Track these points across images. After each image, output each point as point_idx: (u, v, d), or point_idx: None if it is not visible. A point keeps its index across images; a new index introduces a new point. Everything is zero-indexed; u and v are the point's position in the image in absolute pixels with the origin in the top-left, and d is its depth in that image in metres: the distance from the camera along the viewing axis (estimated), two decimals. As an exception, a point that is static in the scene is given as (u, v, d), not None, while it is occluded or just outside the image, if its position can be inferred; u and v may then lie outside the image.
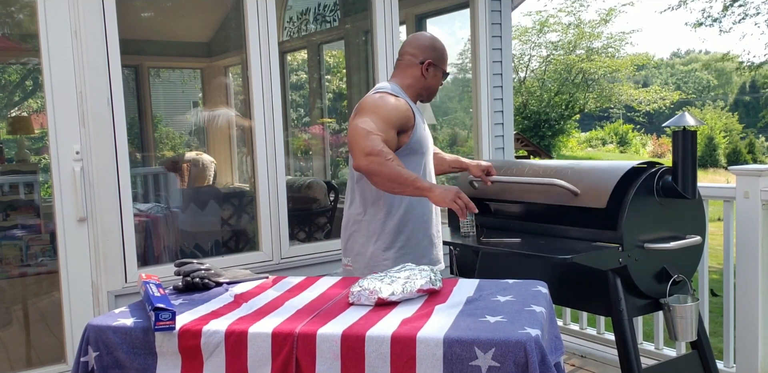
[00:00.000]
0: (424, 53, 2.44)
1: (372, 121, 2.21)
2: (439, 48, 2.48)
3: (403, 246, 2.37)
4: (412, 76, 2.45)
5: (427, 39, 2.49)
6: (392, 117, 2.27)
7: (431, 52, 2.44)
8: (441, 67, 2.48)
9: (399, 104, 2.32)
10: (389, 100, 2.31)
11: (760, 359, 2.90)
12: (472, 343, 1.53)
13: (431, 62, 2.43)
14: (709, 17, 14.25)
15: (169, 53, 6.30)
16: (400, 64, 2.49)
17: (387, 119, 2.25)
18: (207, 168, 5.21)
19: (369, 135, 2.16)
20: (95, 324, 1.77)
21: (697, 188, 2.56)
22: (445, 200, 2.14)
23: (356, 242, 2.40)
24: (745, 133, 31.74)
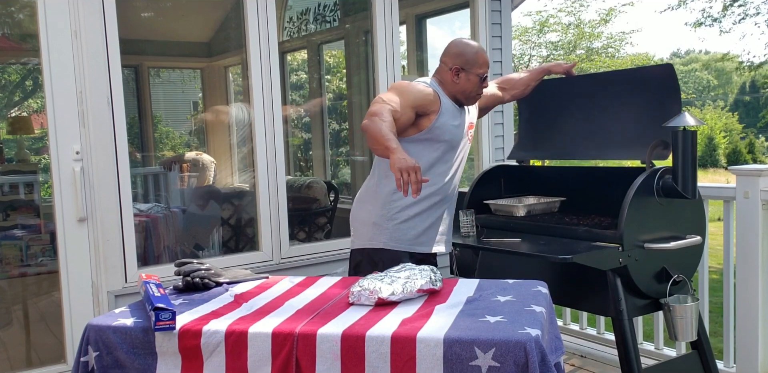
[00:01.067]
0: (453, 60, 2.55)
1: (392, 94, 2.41)
2: (468, 53, 2.55)
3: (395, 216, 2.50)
4: (447, 81, 2.57)
5: (455, 46, 2.59)
6: (411, 96, 2.43)
7: (458, 59, 2.54)
8: (472, 71, 2.55)
9: (424, 89, 2.48)
10: (416, 85, 2.50)
11: (760, 359, 2.90)
12: (472, 343, 1.53)
13: (458, 68, 2.54)
14: (709, 17, 14.24)
15: (169, 53, 6.30)
16: (437, 69, 2.64)
17: (407, 97, 2.42)
18: (207, 168, 5.21)
19: (380, 102, 2.36)
20: (95, 324, 1.77)
21: (697, 188, 2.56)
22: (395, 166, 2.10)
23: (361, 209, 2.59)
24: (745, 133, 31.72)
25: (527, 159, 3.36)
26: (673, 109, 2.59)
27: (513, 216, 2.98)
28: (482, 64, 2.57)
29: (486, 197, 3.15)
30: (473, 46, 2.59)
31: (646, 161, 2.59)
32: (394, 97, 2.39)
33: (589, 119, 3.02)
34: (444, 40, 2.59)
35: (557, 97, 3.18)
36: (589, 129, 3.02)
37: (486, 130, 4.10)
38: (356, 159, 5.41)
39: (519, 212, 2.98)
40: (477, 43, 2.62)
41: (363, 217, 2.57)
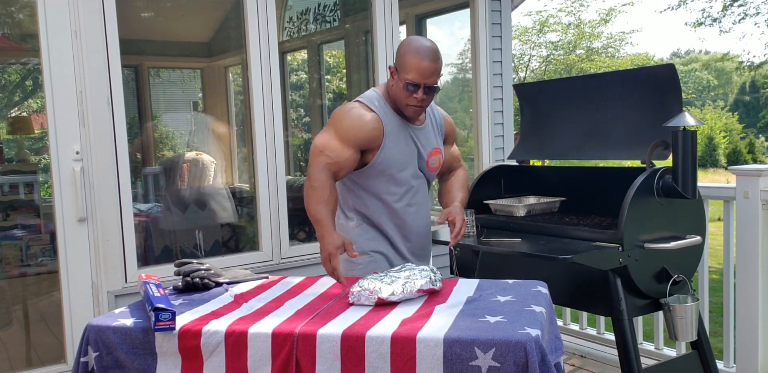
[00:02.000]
0: (396, 57, 2.24)
1: (330, 138, 2.18)
2: (401, 53, 2.19)
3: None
4: (389, 83, 2.28)
5: (403, 42, 2.25)
6: (350, 136, 2.18)
7: (397, 57, 2.22)
8: (401, 75, 2.17)
9: (364, 122, 2.18)
10: (355, 116, 2.19)
11: (760, 359, 2.90)
12: (472, 343, 1.53)
13: (393, 69, 2.21)
14: (708, 17, 14.25)
15: (169, 53, 6.30)
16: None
17: (345, 138, 2.18)
18: (207, 168, 5.21)
19: (318, 157, 2.17)
20: (95, 324, 1.77)
21: (697, 188, 2.56)
22: (321, 256, 2.12)
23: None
24: (745, 133, 31.71)
25: (527, 159, 3.36)
26: (674, 110, 2.59)
27: (513, 216, 2.98)
28: (410, 69, 2.14)
29: (486, 197, 3.15)
30: (414, 47, 2.17)
31: (646, 161, 2.58)
32: (334, 144, 2.16)
33: (589, 119, 3.02)
34: (444, 40, 2.54)
35: (558, 97, 3.18)
36: (589, 129, 3.02)
37: (486, 130, 4.11)
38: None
39: (519, 212, 2.98)
40: (427, 46, 2.17)
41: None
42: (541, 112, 3.27)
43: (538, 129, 3.28)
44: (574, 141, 3.08)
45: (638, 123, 2.79)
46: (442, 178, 2.60)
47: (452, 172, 2.60)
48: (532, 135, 3.31)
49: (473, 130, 4.19)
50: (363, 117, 2.20)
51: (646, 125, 2.73)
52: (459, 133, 5.98)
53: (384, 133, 2.22)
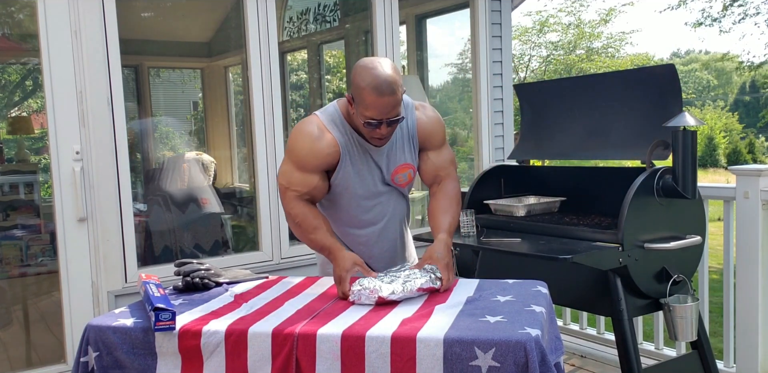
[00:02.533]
0: (350, 87, 2.02)
1: (291, 170, 2.09)
2: (359, 88, 1.94)
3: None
4: (347, 106, 2.10)
5: (357, 68, 1.99)
6: (308, 164, 2.07)
7: (353, 89, 1.99)
8: (360, 110, 1.98)
9: (319, 148, 2.05)
10: (308, 142, 2.06)
11: (760, 359, 2.90)
12: (472, 343, 1.53)
13: (350, 98, 2.03)
14: (708, 17, 14.25)
15: (169, 53, 6.30)
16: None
17: (304, 167, 2.08)
18: (207, 168, 5.21)
19: (286, 193, 2.10)
20: (95, 324, 1.77)
21: (697, 188, 2.56)
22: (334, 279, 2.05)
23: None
24: (745, 133, 31.70)
25: (527, 159, 3.36)
26: (674, 110, 2.59)
27: (513, 216, 2.98)
28: (369, 107, 1.93)
29: (486, 197, 3.15)
30: (371, 82, 1.91)
31: (646, 161, 2.59)
32: (296, 176, 2.07)
33: (589, 119, 3.02)
34: (444, 40, 2.52)
35: (558, 97, 3.18)
36: (589, 129, 3.02)
37: (486, 130, 4.11)
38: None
39: (519, 212, 2.98)
40: (384, 78, 1.90)
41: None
42: (541, 112, 3.27)
43: (538, 129, 3.28)
44: (574, 141, 3.08)
45: (638, 123, 2.79)
46: (431, 189, 2.32)
47: (440, 185, 2.28)
48: (532, 135, 3.31)
49: (473, 130, 4.20)
50: (317, 142, 2.06)
51: (646, 125, 2.73)
52: (458, 132, 5.98)
53: (341, 154, 2.10)
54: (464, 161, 4.78)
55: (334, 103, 2.17)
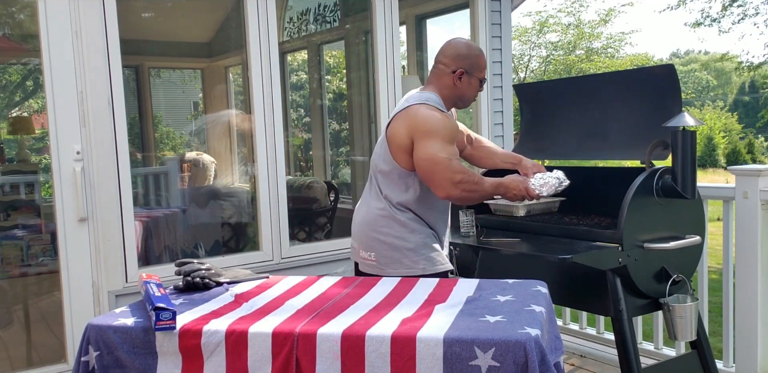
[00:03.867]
0: (456, 62, 2.42)
1: (444, 146, 2.29)
2: (472, 56, 2.43)
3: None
4: (446, 85, 2.44)
5: (460, 46, 2.45)
6: (453, 138, 2.35)
7: (463, 61, 2.42)
8: (475, 75, 2.45)
9: (453, 123, 2.38)
10: (447, 121, 2.34)
11: (759, 359, 2.90)
12: (471, 343, 1.54)
13: (463, 71, 2.42)
14: (708, 17, 14.25)
15: (169, 53, 6.30)
16: (433, 72, 2.49)
17: (452, 141, 2.34)
18: (207, 168, 5.22)
19: (449, 163, 2.27)
20: (96, 324, 1.77)
21: (696, 188, 2.57)
22: (516, 198, 2.46)
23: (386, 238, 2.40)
24: (745, 133, 31.69)
25: (527, 159, 3.36)
26: (673, 110, 2.59)
27: (513, 216, 2.99)
28: (484, 67, 2.47)
29: (486, 197, 3.15)
30: (476, 49, 2.47)
31: (646, 161, 2.59)
32: (447, 149, 2.29)
33: (589, 119, 3.02)
34: (444, 41, 2.54)
35: (558, 97, 3.18)
36: (589, 129, 3.02)
37: (486, 130, 4.11)
38: (356, 159, 5.41)
39: (519, 212, 2.98)
40: (476, 44, 2.53)
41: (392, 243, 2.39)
42: (541, 112, 3.28)
43: (538, 129, 3.29)
44: (573, 141, 3.08)
45: (638, 123, 2.79)
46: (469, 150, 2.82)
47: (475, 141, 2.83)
48: (531, 135, 3.31)
49: (473, 130, 4.20)
50: (451, 119, 2.39)
51: (645, 125, 2.74)
52: (459, 133, 5.98)
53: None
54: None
55: (429, 92, 2.43)
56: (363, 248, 2.46)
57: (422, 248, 2.40)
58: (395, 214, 2.39)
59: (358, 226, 2.49)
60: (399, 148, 2.34)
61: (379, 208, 2.41)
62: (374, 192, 2.46)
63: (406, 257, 2.38)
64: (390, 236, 2.39)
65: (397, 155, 2.36)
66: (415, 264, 2.38)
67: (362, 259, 2.47)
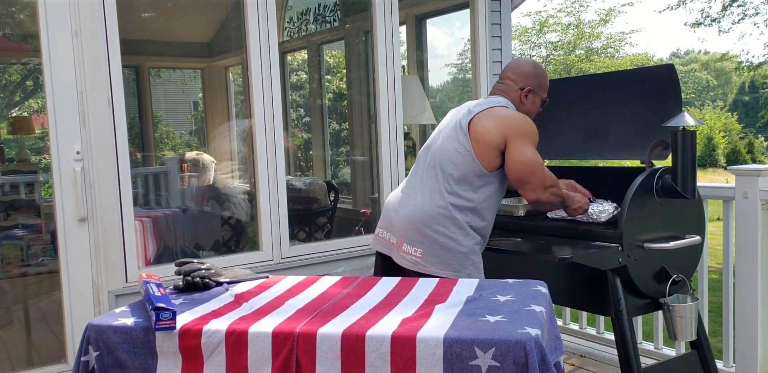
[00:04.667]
0: (525, 80, 2.52)
1: (536, 152, 2.39)
2: (540, 75, 2.55)
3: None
4: (513, 99, 2.52)
5: (529, 65, 2.56)
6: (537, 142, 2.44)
7: (532, 80, 2.52)
8: (540, 94, 2.56)
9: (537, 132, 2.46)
10: (536, 128, 2.44)
11: (759, 359, 2.90)
12: (472, 342, 1.54)
13: (531, 90, 2.52)
14: (708, 17, 14.25)
15: (169, 53, 6.31)
16: (500, 86, 2.56)
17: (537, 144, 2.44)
18: (207, 168, 5.22)
19: (545, 168, 2.39)
20: (96, 324, 1.77)
21: (696, 188, 2.57)
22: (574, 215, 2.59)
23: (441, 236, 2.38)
24: (744, 133, 31.68)
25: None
26: (673, 110, 2.59)
27: (513, 216, 2.99)
28: (547, 87, 2.59)
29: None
30: (542, 69, 2.59)
31: (646, 161, 2.59)
32: (538, 154, 2.40)
33: (589, 120, 3.02)
34: (444, 40, 2.55)
35: (558, 97, 3.18)
36: (589, 129, 3.02)
37: (486, 130, 4.10)
38: (356, 159, 5.41)
39: (519, 211, 2.98)
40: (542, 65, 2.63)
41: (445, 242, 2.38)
42: (540, 112, 3.27)
43: (538, 129, 3.28)
44: (573, 141, 3.08)
45: (638, 123, 2.79)
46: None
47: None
48: (531, 135, 3.31)
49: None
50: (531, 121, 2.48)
51: (645, 125, 2.74)
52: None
53: None
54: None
55: (503, 100, 2.51)
56: (408, 242, 2.40)
57: (472, 254, 2.40)
58: (455, 214, 2.37)
59: (406, 218, 2.43)
60: (489, 147, 2.36)
61: (439, 205, 2.38)
62: (434, 188, 2.41)
63: (456, 260, 2.36)
64: (445, 236, 2.36)
65: (484, 154, 2.36)
66: (463, 268, 2.37)
67: (404, 253, 2.42)
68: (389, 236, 2.51)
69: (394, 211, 2.51)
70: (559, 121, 3.16)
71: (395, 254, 2.46)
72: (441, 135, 2.50)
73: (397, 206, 2.50)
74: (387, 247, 2.52)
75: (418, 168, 2.52)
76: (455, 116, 2.51)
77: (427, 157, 2.50)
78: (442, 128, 2.55)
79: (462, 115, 2.46)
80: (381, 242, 2.56)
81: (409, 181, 2.54)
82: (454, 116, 2.54)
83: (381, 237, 2.55)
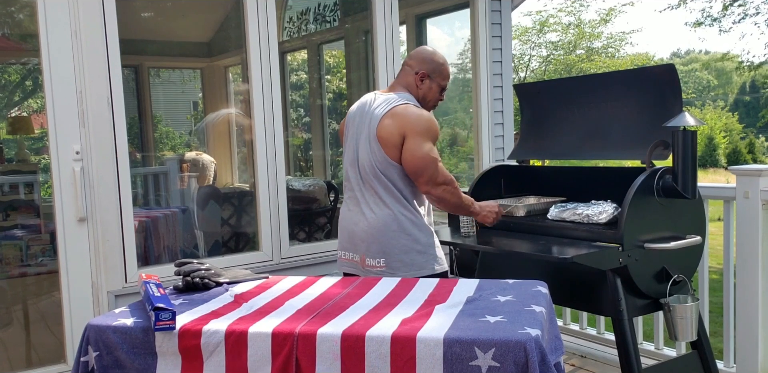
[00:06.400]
0: (420, 65, 2.57)
1: (433, 148, 2.43)
2: (436, 61, 2.58)
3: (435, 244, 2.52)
4: (410, 84, 2.57)
5: (424, 52, 2.61)
6: (437, 137, 2.47)
7: (427, 65, 2.57)
8: (436, 80, 2.58)
9: (437, 127, 2.49)
10: (436, 123, 2.48)
11: (760, 359, 2.90)
12: (472, 343, 1.53)
13: (426, 74, 2.56)
14: (708, 17, 14.24)
15: (169, 53, 6.30)
16: (400, 73, 2.62)
17: (436, 140, 2.46)
18: (207, 168, 5.22)
19: (438, 164, 2.41)
20: (95, 324, 1.77)
21: (697, 188, 2.56)
22: (487, 221, 2.58)
23: (398, 241, 2.44)
24: (745, 133, 31.68)
25: (527, 159, 3.36)
26: (674, 110, 2.59)
27: (513, 216, 2.98)
28: (446, 76, 2.61)
29: (486, 197, 3.15)
30: (441, 56, 2.61)
31: (646, 161, 2.59)
32: (435, 150, 2.44)
33: (589, 119, 3.02)
34: (444, 40, 2.58)
35: (558, 97, 3.18)
36: (589, 129, 3.02)
37: (486, 130, 4.11)
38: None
39: (519, 212, 2.98)
40: (442, 54, 2.65)
41: (404, 245, 2.44)
42: (541, 112, 3.27)
43: (538, 129, 3.28)
44: (574, 141, 3.08)
45: (638, 123, 2.79)
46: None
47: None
48: (532, 135, 3.31)
49: (473, 130, 4.20)
50: (432, 116, 2.51)
51: (646, 125, 2.73)
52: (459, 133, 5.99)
53: None
54: (464, 161, 4.78)
55: (404, 93, 2.54)
56: (371, 256, 2.45)
57: (430, 248, 2.46)
58: (403, 216, 2.43)
59: (363, 235, 2.47)
60: (394, 147, 2.40)
61: (388, 214, 2.44)
62: (377, 199, 2.47)
63: (419, 258, 2.43)
64: (404, 240, 2.42)
65: (394, 155, 2.41)
66: (426, 263, 2.43)
67: (369, 267, 2.46)
68: (351, 256, 2.55)
69: (348, 230, 2.56)
70: (559, 121, 3.15)
71: (361, 270, 2.51)
72: (358, 147, 2.52)
73: (350, 224, 2.55)
74: (352, 266, 2.57)
75: (353, 184, 2.55)
76: (365, 123, 2.51)
77: (357, 172, 2.52)
78: (355, 138, 2.55)
79: (371, 125, 2.47)
80: (345, 263, 2.61)
81: (351, 198, 2.57)
82: (363, 123, 2.53)
83: (345, 259, 2.60)
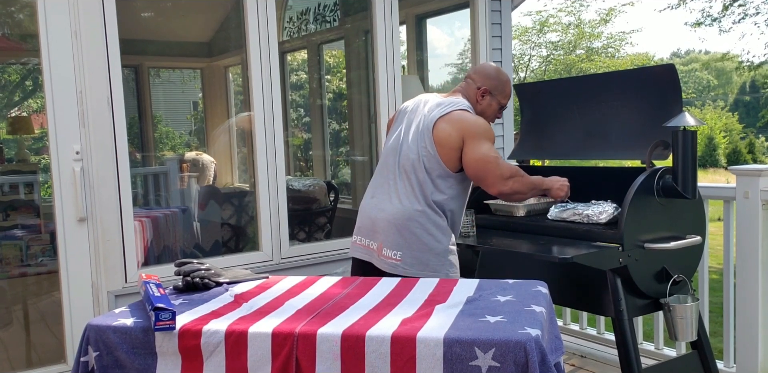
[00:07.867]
0: (483, 80, 2.61)
1: (492, 147, 2.46)
2: (500, 79, 2.63)
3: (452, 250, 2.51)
4: (471, 97, 2.61)
5: (490, 68, 2.67)
6: (494, 142, 2.51)
7: (490, 81, 2.61)
8: (497, 97, 2.63)
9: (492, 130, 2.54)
10: (491, 126, 2.54)
11: (760, 359, 2.90)
12: (472, 343, 1.53)
13: (487, 90, 2.60)
14: (708, 17, 14.24)
15: (169, 53, 6.30)
16: (462, 84, 2.65)
17: (494, 144, 2.50)
18: (207, 168, 5.22)
19: (499, 160, 2.45)
20: (95, 324, 1.77)
21: (697, 188, 2.56)
22: (560, 195, 2.61)
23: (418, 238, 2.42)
24: (745, 133, 31.67)
25: (527, 159, 3.36)
26: (674, 110, 2.59)
27: (513, 216, 2.98)
28: (507, 95, 2.67)
29: (486, 197, 3.15)
30: (505, 75, 2.67)
31: (646, 161, 2.59)
32: (495, 149, 2.47)
33: (589, 119, 3.02)
34: (444, 40, 2.57)
35: (558, 97, 3.18)
36: (589, 129, 3.02)
37: (486, 130, 4.10)
38: (356, 159, 5.41)
39: (519, 212, 2.98)
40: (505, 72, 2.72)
41: (424, 244, 2.42)
42: (541, 112, 3.27)
43: (538, 129, 3.28)
44: (574, 141, 3.08)
45: (638, 123, 2.79)
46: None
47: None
48: (532, 135, 3.31)
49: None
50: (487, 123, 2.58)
51: (646, 125, 2.73)
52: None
53: None
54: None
55: (463, 100, 2.58)
56: (389, 246, 2.43)
57: (449, 253, 2.45)
58: (433, 215, 2.43)
59: (385, 223, 2.45)
60: (451, 150, 2.43)
61: (417, 209, 2.42)
62: (409, 191, 2.45)
63: (435, 260, 2.41)
64: (424, 238, 2.41)
65: (447, 157, 2.43)
66: (441, 267, 2.42)
67: (384, 257, 2.44)
68: (368, 242, 2.54)
69: (370, 216, 2.53)
70: (559, 121, 3.15)
71: (375, 258, 2.49)
72: (406, 138, 2.52)
73: (374, 210, 2.52)
74: (366, 253, 2.55)
75: (388, 171, 2.54)
76: (418, 119, 2.52)
77: (396, 160, 2.52)
78: (404, 129, 2.56)
79: (426, 121, 2.48)
80: (360, 249, 2.58)
81: (381, 186, 2.55)
82: (416, 118, 2.54)
83: (360, 244, 2.58)
